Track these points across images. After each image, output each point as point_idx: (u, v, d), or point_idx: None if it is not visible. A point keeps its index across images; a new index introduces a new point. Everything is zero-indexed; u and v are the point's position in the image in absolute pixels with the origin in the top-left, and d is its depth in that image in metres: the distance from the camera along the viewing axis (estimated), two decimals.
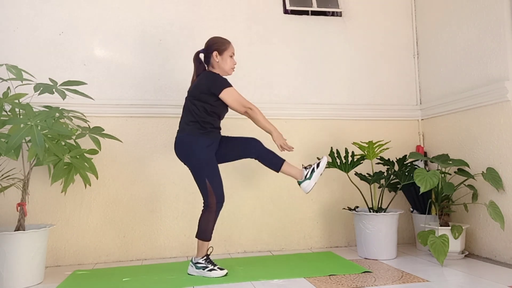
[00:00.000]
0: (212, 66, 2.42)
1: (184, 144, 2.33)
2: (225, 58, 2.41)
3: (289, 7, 3.18)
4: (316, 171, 2.40)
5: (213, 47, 2.41)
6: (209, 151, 2.33)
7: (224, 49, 2.41)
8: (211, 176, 2.30)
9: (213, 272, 2.27)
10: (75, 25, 2.84)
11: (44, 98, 2.45)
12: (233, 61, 2.45)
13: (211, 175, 2.30)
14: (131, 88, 2.89)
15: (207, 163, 2.31)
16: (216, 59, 2.39)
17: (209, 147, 2.33)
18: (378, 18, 3.36)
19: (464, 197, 2.79)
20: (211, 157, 2.34)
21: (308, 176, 2.39)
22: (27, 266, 2.21)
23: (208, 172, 2.30)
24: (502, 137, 2.53)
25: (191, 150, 2.31)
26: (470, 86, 2.78)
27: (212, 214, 2.31)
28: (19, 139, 2.00)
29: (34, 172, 2.60)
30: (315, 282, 2.12)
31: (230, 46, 2.44)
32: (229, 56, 2.42)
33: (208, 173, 2.30)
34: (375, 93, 3.29)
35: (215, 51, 2.39)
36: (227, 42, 2.44)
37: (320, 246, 3.07)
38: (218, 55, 2.39)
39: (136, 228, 2.81)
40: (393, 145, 3.21)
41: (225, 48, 2.41)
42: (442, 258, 2.35)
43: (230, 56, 2.43)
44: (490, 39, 2.62)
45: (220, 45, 2.41)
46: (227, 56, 2.41)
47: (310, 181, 2.38)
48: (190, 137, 2.32)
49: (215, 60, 2.39)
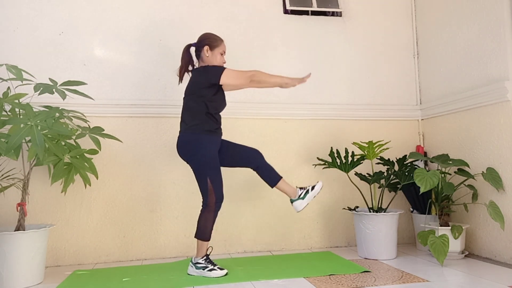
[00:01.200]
0: (202, 60, 2.44)
1: (188, 143, 2.33)
2: (215, 55, 2.42)
3: (289, 7, 3.18)
4: (310, 193, 2.46)
5: (205, 41, 2.42)
6: (212, 150, 2.34)
7: (215, 45, 2.42)
8: (213, 175, 2.31)
9: (213, 272, 2.27)
10: (75, 25, 2.84)
11: (44, 98, 2.45)
12: (222, 59, 2.46)
13: (213, 174, 2.31)
14: (131, 88, 2.89)
15: (210, 162, 2.32)
16: (206, 54, 2.40)
17: (212, 145, 2.34)
18: (378, 18, 3.36)
19: (464, 197, 2.79)
20: (214, 156, 2.34)
21: (302, 196, 2.45)
22: (27, 266, 2.21)
23: (211, 171, 2.31)
24: (502, 137, 2.53)
25: (194, 149, 2.31)
26: (470, 86, 2.78)
27: (211, 214, 2.31)
28: (19, 139, 2.00)
29: (34, 172, 2.60)
30: (315, 282, 2.12)
31: (222, 44, 2.45)
32: (219, 53, 2.43)
33: (210, 172, 2.30)
34: (375, 93, 3.29)
35: (207, 45, 2.41)
36: (220, 40, 2.45)
37: (320, 246, 3.07)
38: (208, 50, 2.41)
39: (136, 228, 2.81)
40: (393, 145, 3.21)
41: (216, 44, 2.43)
42: (442, 258, 2.35)
43: (221, 54, 2.44)
44: (490, 39, 2.62)
45: (212, 41, 2.42)
46: (217, 53, 2.43)
47: (302, 201, 2.43)
48: (194, 136, 2.32)
49: (205, 54, 2.40)
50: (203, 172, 2.31)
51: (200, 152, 2.30)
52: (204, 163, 2.31)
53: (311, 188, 2.47)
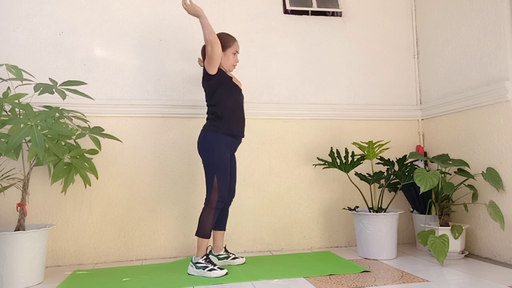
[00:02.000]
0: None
1: (204, 139, 2.39)
2: (227, 55, 2.45)
3: (289, 7, 3.18)
4: (226, 261, 2.55)
5: None
6: (225, 151, 2.38)
7: (228, 46, 2.45)
8: (221, 175, 2.35)
9: (213, 272, 2.27)
10: (75, 25, 2.84)
11: (44, 98, 2.45)
12: (235, 58, 2.50)
13: (221, 174, 2.35)
14: (131, 88, 2.89)
15: (220, 162, 2.35)
16: None
17: (226, 147, 2.39)
18: (378, 18, 3.36)
19: (464, 197, 2.79)
20: (226, 156, 2.38)
21: (219, 256, 2.56)
22: (27, 266, 2.21)
23: (219, 170, 2.35)
24: (502, 137, 2.53)
25: (209, 147, 2.37)
26: (470, 86, 2.78)
27: (211, 211, 2.33)
28: (19, 139, 2.00)
29: (34, 172, 2.61)
30: (315, 282, 2.12)
31: (235, 43, 2.49)
32: (232, 53, 2.47)
33: (218, 171, 2.34)
34: (375, 93, 3.29)
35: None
36: (233, 39, 2.48)
37: (320, 246, 3.07)
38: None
39: (136, 228, 2.81)
40: (393, 145, 3.21)
41: (229, 45, 2.45)
42: (442, 258, 2.35)
43: (233, 53, 2.48)
44: (490, 39, 2.62)
45: (225, 42, 2.44)
46: (230, 53, 2.46)
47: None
48: (210, 134, 2.38)
49: None
50: (212, 169, 2.35)
51: (213, 150, 2.35)
52: (214, 161, 2.35)
53: (232, 257, 2.55)
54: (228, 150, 2.41)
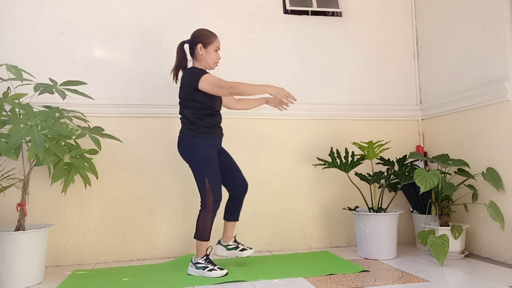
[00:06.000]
0: (196, 58, 2.41)
1: (184, 144, 2.34)
2: (209, 52, 2.39)
3: (289, 7, 3.18)
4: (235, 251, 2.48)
5: (198, 39, 2.38)
6: (210, 150, 2.34)
7: (209, 42, 2.38)
8: (211, 175, 2.30)
9: (213, 272, 2.27)
10: (75, 25, 2.84)
11: (44, 98, 2.45)
12: (217, 55, 2.42)
13: (211, 175, 2.30)
14: (131, 88, 2.89)
15: (208, 162, 2.31)
16: (200, 52, 2.37)
17: (209, 147, 2.34)
18: (378, 18, 3.36)
19: (464, 197, 2.79)
20: (212, 156, 2.34)
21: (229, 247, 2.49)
22: (27, 266, 2.21)
23: (208, 171, 2.30)
24: (502, 137, 2.53)
25: (191, 150, 2.32)
26: (470, 86, 2.78)
27: (209, 214, 2.30)
28: (19, 139, 2.00)
29: (34, 172, 2.61)
30: (315, 282, 2.12)
31: (216, 40, 2.41)
32: (213, 50, 2.40)
33: (208, 172, 2.30)
34: (375, 93, 3.29)
35: (200, 43, 2.37)
36: (213, 36, 2.41)
37: (320, 246, 3.07)
38: (202, 48, 2.37)
39: (136, 228, 2.81)
40: (393, 145, 3.21)
41: (210, 41, 2.38)
42: (442, 258, 2.35)
43: (215, 50, 2.41)
44: (490, 39, 2.61)
45: (205, 38, 2.38)
46: (211, 49, 2.39)
47: (225, 251, 2.41)
48: (190, 138, 2.33)
49: (199, 52, 2.38)
50: (201, 172, 2.31)
51: (196, 154, 2.31)
52: (201, 164, 2.31)
53: (241, 249, 2.49)
54: (212, 149, 2.35)
